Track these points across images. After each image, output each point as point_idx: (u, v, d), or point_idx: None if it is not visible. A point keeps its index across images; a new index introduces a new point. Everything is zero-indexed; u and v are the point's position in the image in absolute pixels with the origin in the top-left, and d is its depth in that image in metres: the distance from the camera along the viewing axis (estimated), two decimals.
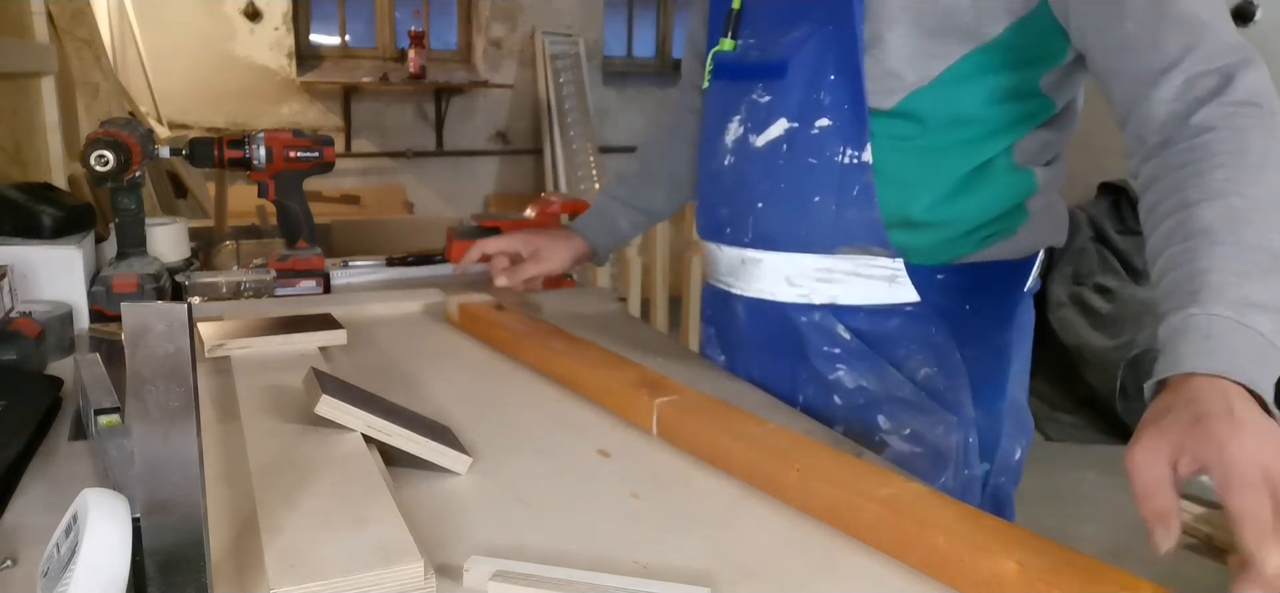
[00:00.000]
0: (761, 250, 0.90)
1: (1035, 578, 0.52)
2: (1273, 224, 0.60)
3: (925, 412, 0.85)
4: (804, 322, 0.89)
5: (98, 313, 1.10)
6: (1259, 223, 0.59)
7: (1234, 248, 0.59)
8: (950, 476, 0.85)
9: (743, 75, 0.90)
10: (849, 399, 0.87)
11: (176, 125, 4.01)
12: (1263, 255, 0.59)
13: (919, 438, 0.85)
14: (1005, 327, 0.88)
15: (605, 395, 0.86)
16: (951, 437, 0.85)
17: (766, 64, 0.87)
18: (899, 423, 0.85)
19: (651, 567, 0.58)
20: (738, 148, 0.90)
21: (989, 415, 0.88)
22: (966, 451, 0.86)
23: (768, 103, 0.86)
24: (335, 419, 0.70)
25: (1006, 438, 0.90)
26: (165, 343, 0.44)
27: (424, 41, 4.53)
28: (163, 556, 0.47)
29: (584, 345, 0.97)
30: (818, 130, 0.83)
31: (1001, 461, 0.90)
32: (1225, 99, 0.64)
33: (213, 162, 1.24)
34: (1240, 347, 0.57)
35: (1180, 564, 2.49)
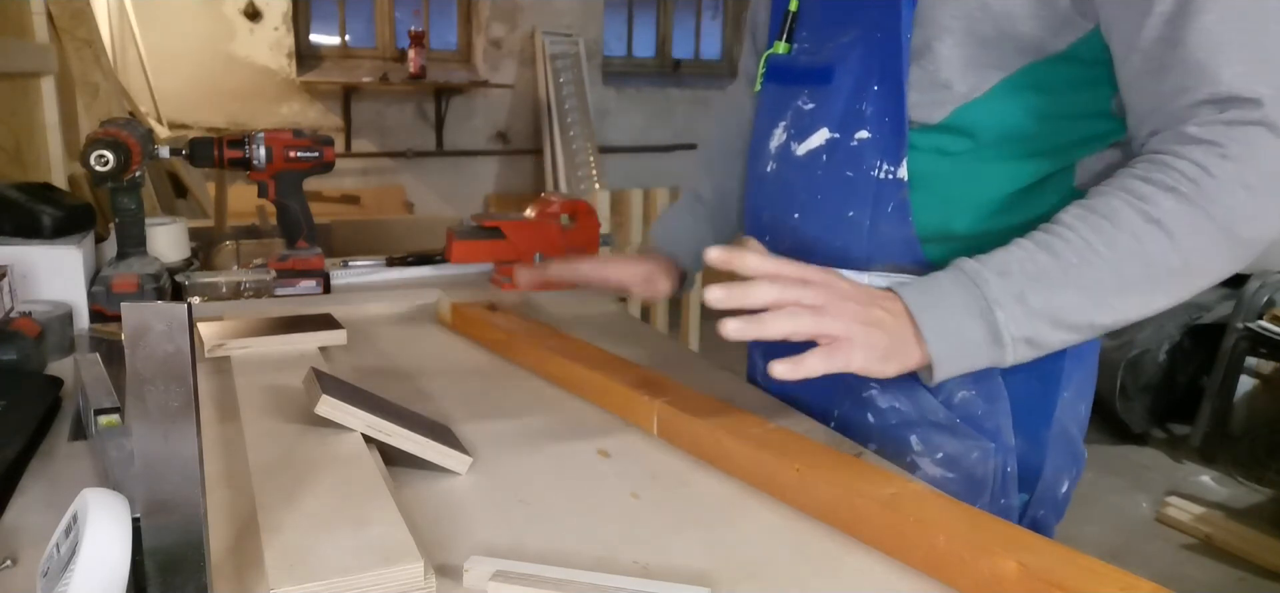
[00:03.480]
0: None
1: (1035, 578, 0.52)
2: (1106, 264, 0.66)
3: (960, 436, 0.81)
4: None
5: (98, 313, 1.10)
6: (1102, 257, 0.66)
7: (1057, 258, 0.67)
8: (985, 503, 0.81)
9: (791, 79, 0.88)
10: (882, 419, 0.84)
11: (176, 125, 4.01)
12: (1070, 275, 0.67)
13: (953, 463, 0.81)
14: (1058, 352, 0.80)
15: (604, 396, 0.86)
16: (987, 463, 0.81)
17: (814, 69, 0.85)
18: (932, 446, 0.82)
19: (651, 567, 0.58)
20: (780, 154, 0.88)
21: (1032, 444, 0.83)
22: (1004, 479, 0.82)
23: (811, 110, 0.84)
24: (335, 419, 0.70)
25: (1050, 469, 0.85)
26: (165, 343, 0.44)
27: (424, 41, 4.53)
28: (163, 556, 0.47)
29: (580, 346, 0.97)
30: (857, 143, 0.81)
31: (1043, 491, 0.85)
32: (1205, 135, 0.65)
33: (213, 162, 1.24)
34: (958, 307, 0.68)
35: (1180, 564, 2.49)
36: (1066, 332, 0.68)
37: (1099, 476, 3.03)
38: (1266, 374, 3.26)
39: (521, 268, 1.11)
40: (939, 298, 0.69)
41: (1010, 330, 0.67)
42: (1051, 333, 0.68)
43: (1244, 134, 0.63)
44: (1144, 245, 0.66)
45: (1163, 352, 3.25)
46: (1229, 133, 0.64)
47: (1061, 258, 0.67)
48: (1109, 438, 3.30)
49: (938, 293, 0.69)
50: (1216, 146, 0.64)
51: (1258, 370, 3.26)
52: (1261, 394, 3.27)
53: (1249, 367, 3.21)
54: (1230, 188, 0.64)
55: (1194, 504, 2.74)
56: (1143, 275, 0.66)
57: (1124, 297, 0.67)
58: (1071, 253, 0.67)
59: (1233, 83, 0.63)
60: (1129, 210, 0.66)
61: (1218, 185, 0.64)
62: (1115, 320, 0.68)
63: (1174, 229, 0.65)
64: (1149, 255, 0.66)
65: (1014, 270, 0.68)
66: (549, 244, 1.36)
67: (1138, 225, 0.66)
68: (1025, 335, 0.68)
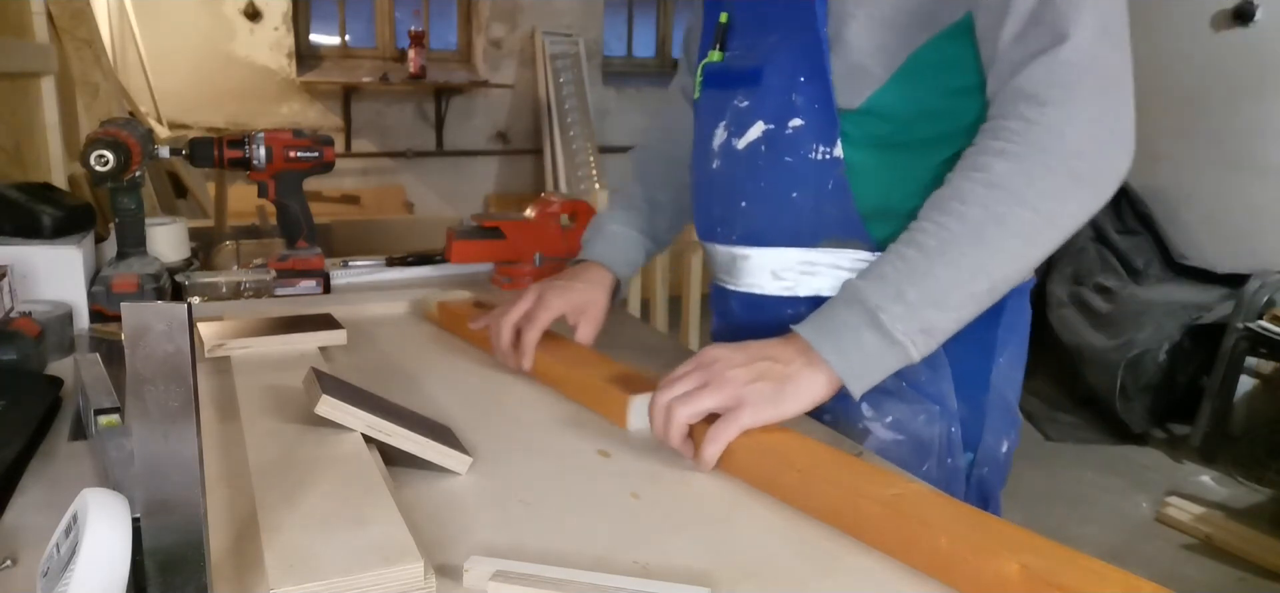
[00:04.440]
0: (749, 247, 0.94)
1: (1037, 579, 0.52)
2: (966, 237, 0.73)
3: (907, 401, 0.87)
4: (789, 314, 0.91)
5: (98, 313, 1.10)
6: (956, 234, 0.73)
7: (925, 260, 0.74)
8: (933, 464, 0.88)
9: (727, 84, 0.94)
10: (837, 397, 0.89)
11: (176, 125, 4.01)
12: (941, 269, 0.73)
13: (901, 426, 0.87)
14: (992, 323, 0.88)
15: (580, 392, 0.87)
16: (934, 427, 0.87)
17: (745, 71, 0.91)
18: (881, 411, 0.88)
19: (651, 567, 0.58)
20: (723, 151, 0.94)
21: (972, 408, 0.90)
22: (949, 441, 0.88)
23: (747, 107, 0.90)
24: (335, 419, 0.70)
25: (990, 432, 0.92)
26: (165, 343, 0.44)
27: (424, 41, 4.53)
28: (163, 556, 0.47)
29: (560, 341, 0.97)
30: (791, 130, 0.87)
31: (985, 453, 0.92)
32: (1047, 63, 0.72)
33: (213, 162, 1.24)
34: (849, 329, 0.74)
35: (1180, 564, 2.49)
36: (954, 311, 0.74)
37: (1099, 476, 3.03)
38: (1266, 374, 3.26)
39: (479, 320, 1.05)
40: (832, 324, 0.75)
41: (899, 328, 0.73)
42: (940, 317, 0.74)
43: (1060, 74, 0.71)
44: (992, 210, 0.72)
45: (1163, 352, 3.25)
46: (1048, 78, 0.71)
47: (924, 247, 0.74)
48: (1109, 438, 3.30)
49: (831, 319, 0.76)
50: (1035, 98, 0.72)
51: (1258, 370, 3.26)
52: (1261, 394, 3.27)
53: (1249, 367, 3.21)
54: (1053, 131, 0.71)
55: (1194, 504, 2.74)
56: (1003, 236, 0.72)
57: (994, 261, 0.73)
58: (931, 239, 0.74)
59: (1056, 25, 0.70)
60: (969, 183, 0.73)
61: (1044, 133, 0.71)
62: (993, 284, 0.74)
63: (1014, 187, 0.72)
64: (1001, 217, 0.72)
65: (888, 274, 0.74)
66: (549, 244, 1.36)
67: (981, 194, 0.73)
68: (917, 328, 0.73)
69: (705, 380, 0.74)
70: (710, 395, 0.73)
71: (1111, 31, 0.72)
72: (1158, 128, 3.82)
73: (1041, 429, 3.40)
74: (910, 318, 0.73)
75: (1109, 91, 0.72)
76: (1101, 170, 0.73)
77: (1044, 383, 3.75)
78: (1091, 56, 0.71)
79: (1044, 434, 3.36)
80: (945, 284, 0.73)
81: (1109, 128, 0.73)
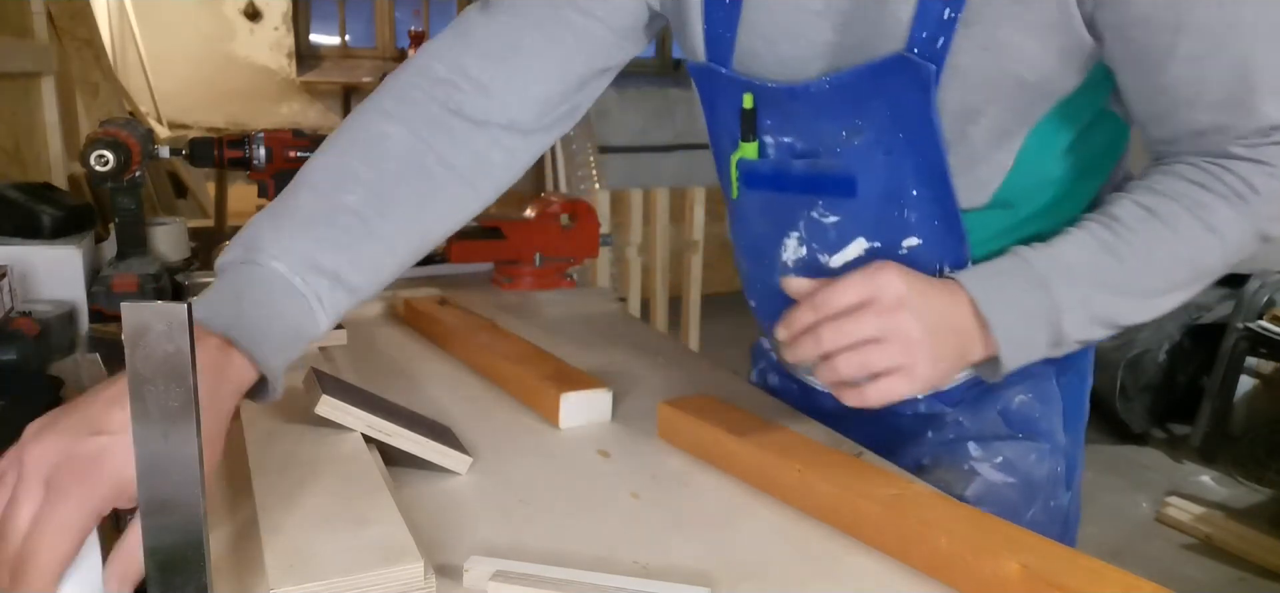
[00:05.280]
0: None
1: (1037, 579, 0.52)
2: (1162, 270, 0.67)
3: (1019, 439, 0.80)
4: (894, 410, 0.83)
5: (98, 313, 1.09)
6: (1160, 264, 0.67)
7: (1125, 262, 0.66)
8: (1039, 507, 0.80)
9: (789, 188, 0.77)
10: (940, 433, 0.82)
11: (176, 125, 4.01)
12: (1132, 281, 0.67)
13: (1011, 467, 0.79)
14: (1085, 348, 0.81)
15: (518, 389, 0.88)
16: (1043, 465, 0.80)
17: (826, 178, 0.74)
18: (991, 452, 0.79)
19: (651, 567, 0.58)
20: (807, 267, 0.78)
21: (1074, 439, 0.84)
22: (1055, 480, 0.81)
23: (836, 223, 0.74)
24: (335, 419, 0.70)
25: (1082, 463, 0.87)
26: (165, 343, 0.44)
27: (424, 41, 4.53)
28: (163, 556, 0.46)
29: (507, 339, 0.98)
30: (906, 250, 0.72)
31: (1076, 486, 0.86)
32: (1249, 158, 0.66)
33: (213, 161, 1.24)
34: (1025, 308, 0.65)
35: (1180, 564, 2.49)
36: (1114, 331, 0.69)
37: (1099, 475, 3.03)
38: (1266, 374, 3.26)
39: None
40: (1008, 296, 0.66)
41: (1073, 334, 0.67)
42: (1103, 332, 0.68)
43: None
44: (1198, 252, 0.67)
45: (1163, 352, 3.25)
46: (1274, 153, 0.65)
47: (1125, 263, 0.66)
48: (1109, 438, 3.30)
49: (1007, 291, 0.66)
50: (1263, 165, 0.65)
51: (1258, 370, 3.26)
52: (1261, 394, 3.27)
53: (1249, 367, 3.21)
54: (1271, 199, 0.66)
55: (1194, 504, 2.74)
56: (1190, 278, 0.68)
57: (1171, 295, 0.69)
58: (1134, 258, 0.66)
59: (1273, 114, 0.63)
60: (1189, 217, 0.66)
61: (1262, 200, 0.65)
62: (1152, 318, 0.69)
63: (1228, 236, 0.66)
64: (1198, 261, 0.67)
65: (1080, 274, 0.66)
66: (549, 244, 1.36)
67: (1197, 233, 0.66)
68: (1083, 337, 0.68)
69: (881, 334, 0.62)
70: (881, 353, 0.62)
71: None
72: None
73: None
74: (1085, 328, 0.67)
75: None
76: (1274, 238, 0.69)
77: None
78: None
79: None
80: (1125, 309, 0.68)
81: None
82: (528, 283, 1.35)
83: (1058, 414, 0.81)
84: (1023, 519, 0.77)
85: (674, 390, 0.88)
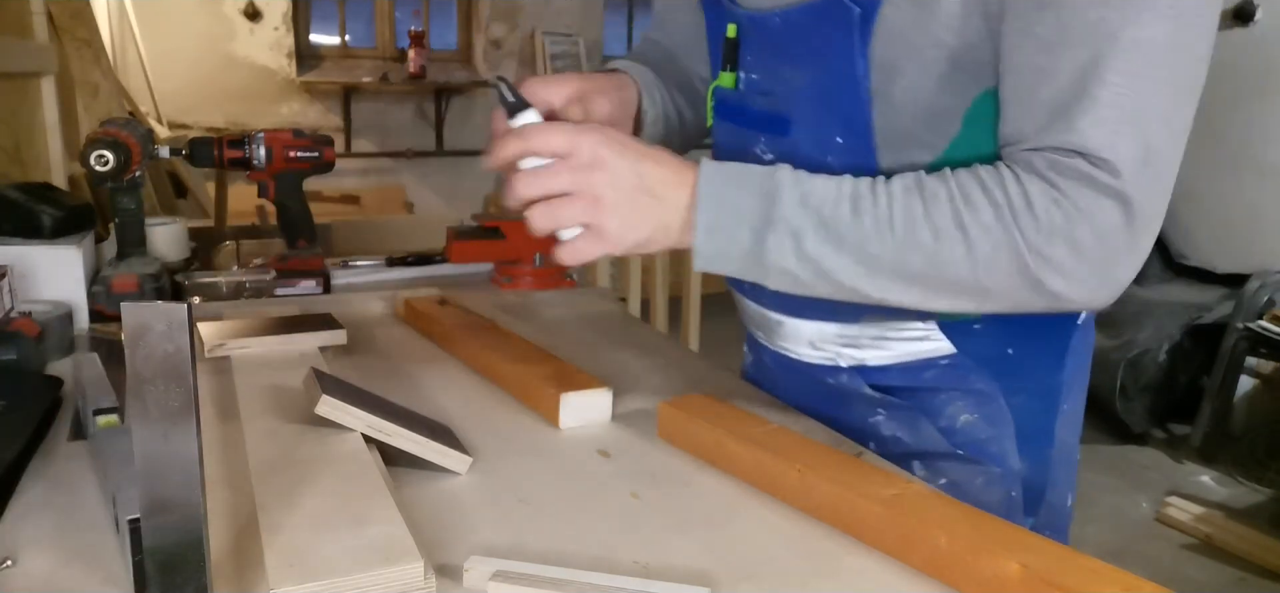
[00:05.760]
0: (782, 314, 0.85)
1: (1037, 579, 0.52)
2: (895, 246, 0.64)
3: (965, 463, 0.78)
4: (831, 382, 0.84)
5: (98, 313, 1.09)
6: (895, 237, 0.64)
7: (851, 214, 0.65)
8: None
9: (745, 123, 0.80)
10: (884, 447, 0.81)
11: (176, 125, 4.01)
12: (849, 229, 0.65)
13: (957, 490, 0.77)
14: (1057, 367, 0.78)
15: (518, 389, 0.88)
16: (992, 490, 0.78)
17: (769, 116, 0.77)
18: (935, 473, 0.79)
19: (651, 567, 0.58)
20: None
21: (1035, 465, 0.79)
22: (1008, 505, 0.78)
23: (770, 161, 0.73)
24: (335, 419, 0.70)
25: (1053, 489, 0.81)
26: (165, 343, 0.44)
27: (424, 41, 4.53)
28: (163, 556, 0.47)
29: (507, 339, 0.98)
30: None
31: (1047, 515, 0.81)
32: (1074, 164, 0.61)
33: (213, 161, 1.24)
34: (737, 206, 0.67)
35: (1180, 564, 2.49)
36: (831, 286, 0.67)
37: (1099, 476, 3.03)
38: (1266, 374, 3.26)
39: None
40: (729, 193, 0.67)
41: (775, 257, 0.66)
42: (816, 282, 0.67)
43: (1088, 195, 0.60)
44: (939, 246, 0.63)
45: (1163, 352, 3.25)
46: (1074, 186, 0.60)
47: (860, 218, 0.65)
48: (1109, 438, 3.30)
49: (731, 187, 0.67)
50: (1053, 190, 0.61)
51: (1258, 370, 3.26)
52: (1261, 394, 3.27)
53: (1249, 367, 3.21)
54: (1049, 236, 0.61)
55: (1194, 504, 2.74)
56: (925, 273, 0.64)
57: (899, 283, 0.65)
58: (871, 219, 0.64)
59: (1087, 141, 0.59)
60: (946, 207, 0.63)
61: (1036, 225, 0.61)
62: (883, 298, 0.66)
63: (977, 242, 0.62)
64: (939, 257, 0.64)
65: (811, 206, 0.65)
66: (549, 244, 1.36)
67: (947, 225, 0.63)
68: (788, 270, 0.67)
69: (572, 189, 0.66)
70: (569, 209, 0.66)
71: (1157, 153, 0.60)
72: None
73: None
74: (790, 260, 0.66)
75: (1125, 230, 0.61)
76: (1059, 296, 0.63)
77: None
78: (1125, 185, 0.60)
79: None
80: (841, 266, 0.66)
81: (1102, 265, 0.62)
82: (528, 283, 1.35)
83: (1010, 437, 0.78)
84: None
85: (674, 390, 0.88)
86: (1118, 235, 0.60)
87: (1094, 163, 0.59)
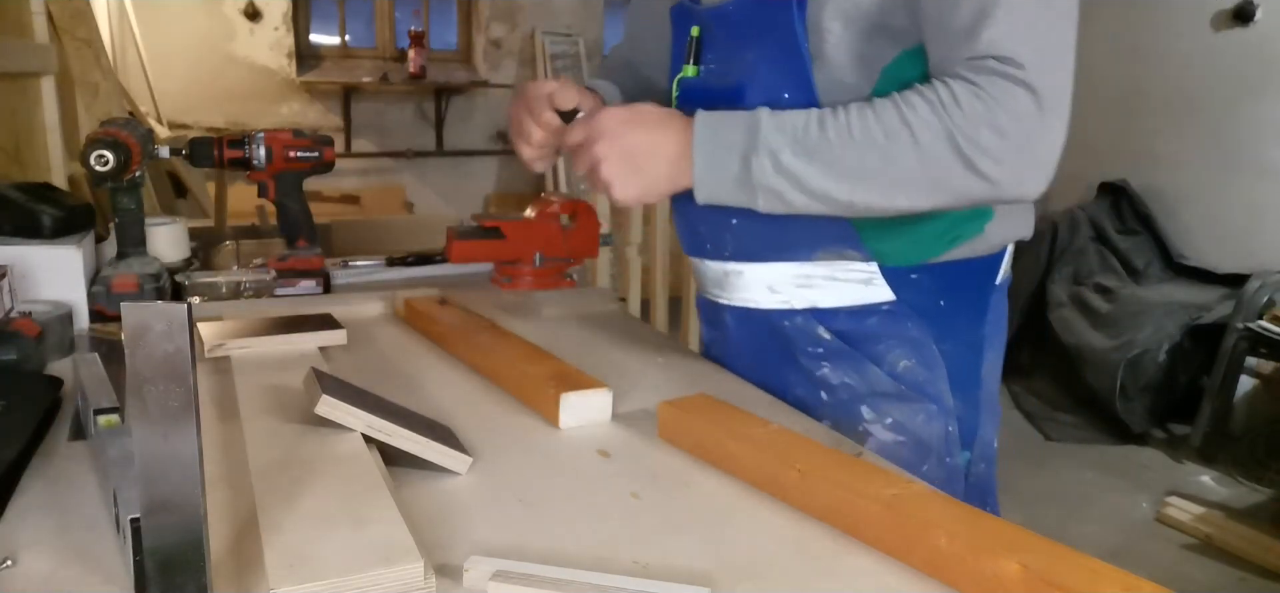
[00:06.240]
0: (742, 263, 0.95)
1: (1037, 579, 0.52)
2: (856, 149, 0.77)
3: (906, 401, 0.89)
4: (787, 326, 0.94)
5: (98, 313, 1.10)
6: (856, 142, 0.77)
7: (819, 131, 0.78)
8: (934, 464, 0.89)
9: (706, 100, 0.90)
10: (834, 395, 0.92)
11: (176, 125, 4.01)
12: (825, 146, 0.78)
13: (901, 427, 0.89)
14: (979, 321, 0.92)
15: (518, 389, 0.88)
16: (933, 425, 0.89)
17: (726, 89, 0.90)
18: (882, 413, 0.89)
19: (651, 567, 0.58)
20: None
21: (967, 404, 0.92)
22: (947, 439, 0.90)
23: None
24: (335, 419, 0.70)
25: (984, 426, 0.94)
26: (165, 343, 0.44)
27: (424, 41, 4.53)
28: (163, 556, 0.47)
29: (507, 339, 0.98)
30: None
31: (981, 449, 0.94)
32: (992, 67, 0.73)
33: (213, 161, 1.24)
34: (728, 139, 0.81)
35: (1180, 564, 2.49)
36: (807, 198, 0.79)
37: (1099, 476, 3.03)
38: (1266, 374, 3.26)
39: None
40: (720, 132, 0.81)
41: (760, 177, 0.79)
42: (794, 194, 0.79)
43: (1001, 85, 0.72)
44: (890, 144, 0.75)
45: (1163, 352, 3.25)
46: (988, 80, 0.73)
47: (826, 133, 0.77)
48: (1109, 438, 3.30)
49: (722, 126, 0.81)
50: (972, 85, 0.73)
51: (1258, 370, 3.26)
52: (1261, 394, 3.27)
53: (1249, 367, 3.21)
54: (976, 122, 0.73)
55: (1194, 504, 2.74)
56: (881, 169, 0.76)
57: (863, 181, 0.77)
58: (835, 133, 0.77)
59: (993, 44, 0.72)
60: (891, 109, 0.76)
61: (962, 114, 0.73)
62: (851, 199, 0.78)
63: (919, 134, 0.74)
64: (891, 153, 0.75)
65: (787, 130, 0.79)
66: (549, 244, 1.36)
67: (893, 122, 0.75)
68: (771, 188, 0.79)
69: (597, 158, 0.84)
70: (601, 172, 0.84)
71: (1052, 54, 0.74)
72: (1158, 128, 3.82)
73: (1041, 429, 3.40)
74: (772, 176, 0.78)
75: (1036, 114, 0.73)
76: (989, 177, 0.74)
77: (1044, 383, 3.74)
78: (1029, 76, 0.72)
79: (1044, 434, 3.36)
80: (811, 173, 0.78)
81: (1024, 146, 0.73)
82: (528, 283, 1.35)
83: (943, 379, 0.90)
84: (919, 474, 0.85)
85: (674, 390, 0.88)
86: (1031, 119, 0.73)
87: (1001, 61, 0.72)
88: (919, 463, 0.89)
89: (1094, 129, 3.94)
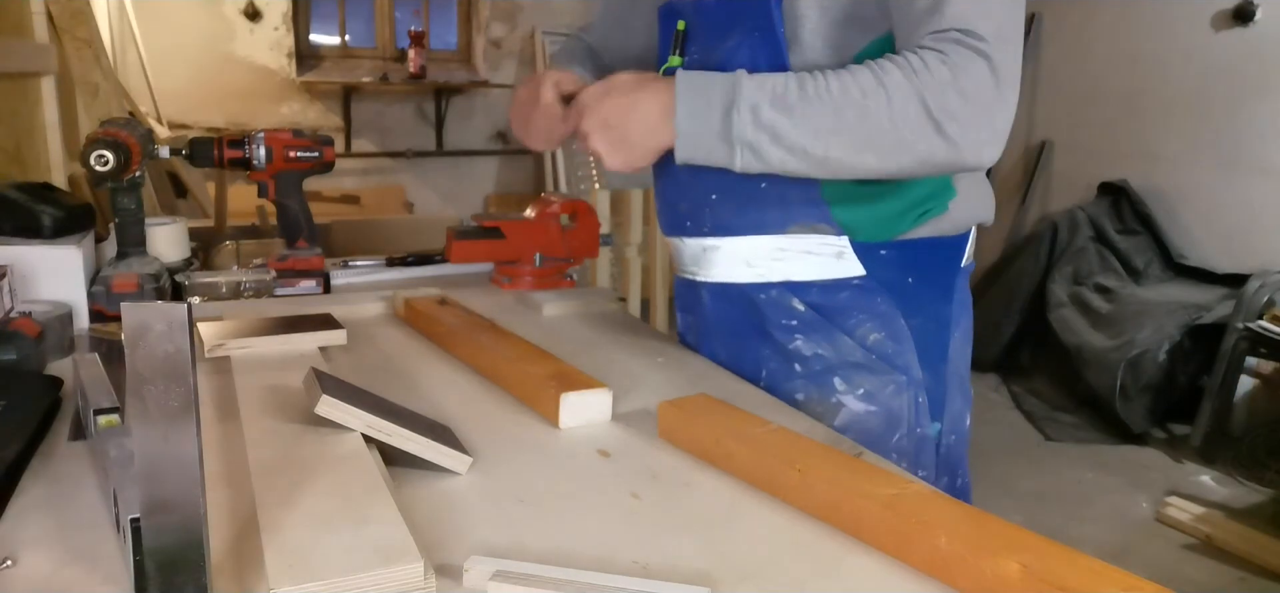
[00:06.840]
0: (719, 238, 0.99)
1: (1037, 579, 0.52)
2: (832, 107, 0.81)
3: (876, 373, 0.93)
4: (763, 299, 0.97)
5: (98, 313, 1.10)
6: (831, 100, 0.81)
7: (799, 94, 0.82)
8: (904, 434, 0.93)
9: None
10: (807, 366, 0.95)
11: (176, 125, 4.01)
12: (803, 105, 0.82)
13: (872, 398, 0.93)
14: (946, 299, 0.97)
15: (518, 389, 0.88)
16: (902, 396, 0.93)
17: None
18: (853, 384, 0.93)
19: (651, 567, 0.58)
20: None
21: (935, 378, 0.96)
22: (917, 410, 0.94)
23: None
24: (335, 419, 0.70)
25: (952, 401, 0.98)
26: (165, 343, 0.44)
27: (424, 41, 4.53)
28: (163, 556, 0.47)
29: (507, 339, 0.98)
30: None
31: (951, 422, 0.98)
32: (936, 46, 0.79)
33: (213, 161, 1.24)
34: (711, 103, 0.84)
35: (1180, 564, 2.49)
36: (784, 152, 0.83)
37: (1099, 476, 3.03)
38: (1266, 374, 3.26)
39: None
40: (702, 90, 0.85)
41: (740, 131, 0.83)
42: (771, 148, 0.83)
43: (964, 54, 0.78)
44: (866, 102, 0.80)
45: (1163, 352, 3.25)
46: (953, 49, 0.78)
47: (804, 90, 0.82)
48: (1109, 438, 3.30)
49: (703, 85, 0.85)
50: (939, 53, 0.79)
51: (1258, 370, 3.26)
52: (1261, 394, 3.27)
53: (1249, 367, 3.21)
54: (944, 86, 0.78)
55: (1194, 504, 2.74)
56: (856, 123, 0.80)
57: (837, 137, 0.81)
58: (812, 89, 0.82)
59: (956, 18, 0.78)
60: (867, 71, 0.81)
61: (932, 78, 0.78)
62: (826, 155, 0.82)
63: (893, 95, 0.79)
64: (866, 108, 0.80)
65: (767, 87, 0.83)
66: (549, 244, 1.36)
67: (867, 82, 0.80)
68: (749, 142, 0.83)
69: (588, 130, 0.90)
70: (590, 142, 0.91)
71: (1006, 33, 0.80)
72: (1158, 128, 3.82)
73: (1041, 429, 3.40)
74: (750, 131, 0.82)
75: (994, 85, 0.79)
76: (955, 140, 0.79)
77: (1044, 383, 3.75)
78: (988, 49, 0.78)
79: (1044, 434, 3.36)
80: (788, 128, 0.82)
81: (983, 113, 0.79)
82: (528, 283, 1.35)
83: (911, 352, 0.94)
84: (889, 444, 0.93)
85: (674, 391, 0.88)
86: (990, 90, 0.78)
87: (963, 33, 0.78)
88: (890, 433, 0.93)
89: (1094, 129, 3.94)
